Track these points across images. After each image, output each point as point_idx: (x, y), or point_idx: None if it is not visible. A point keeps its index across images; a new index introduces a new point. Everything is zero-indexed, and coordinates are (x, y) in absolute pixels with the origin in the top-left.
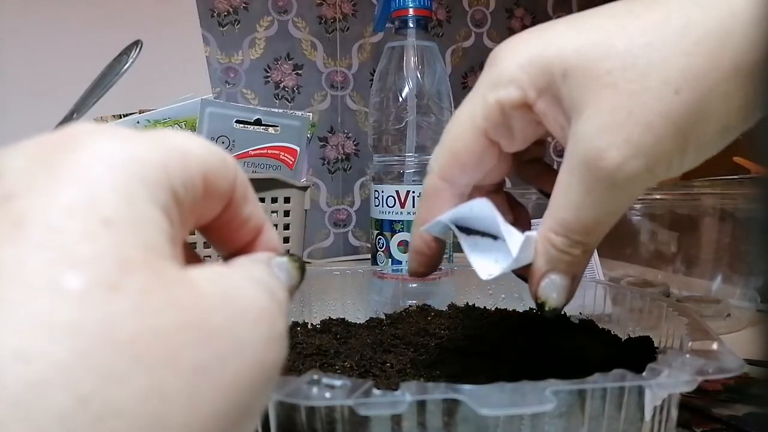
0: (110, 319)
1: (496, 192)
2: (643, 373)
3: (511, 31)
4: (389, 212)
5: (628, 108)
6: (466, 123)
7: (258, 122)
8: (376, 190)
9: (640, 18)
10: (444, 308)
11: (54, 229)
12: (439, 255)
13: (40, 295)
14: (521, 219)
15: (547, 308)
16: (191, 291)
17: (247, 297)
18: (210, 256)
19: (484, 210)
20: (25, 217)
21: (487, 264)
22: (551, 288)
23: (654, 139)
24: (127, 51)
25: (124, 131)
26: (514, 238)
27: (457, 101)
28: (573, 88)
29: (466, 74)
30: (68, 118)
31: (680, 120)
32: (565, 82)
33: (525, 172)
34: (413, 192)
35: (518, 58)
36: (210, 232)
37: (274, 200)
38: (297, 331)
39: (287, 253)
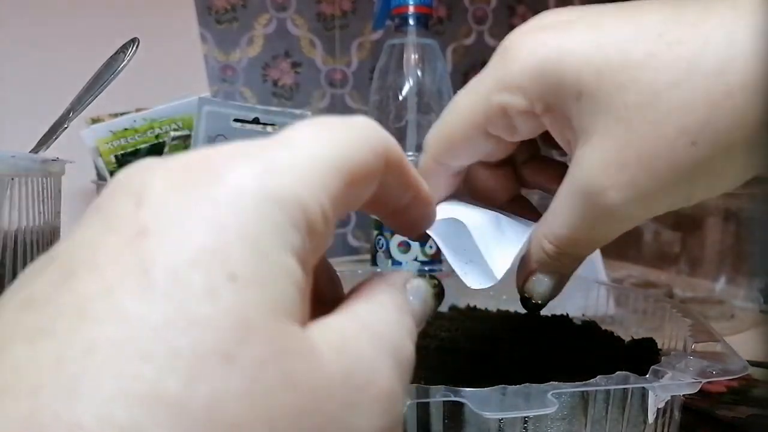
0: (218, 397)
1: (500, 166)
2: (647, 375)
3: (513, 29)
4: None
5: (637, 150)
6: (466, 115)
7: (256, 121)
8: None
9: (672, 49)
10: (445, 310)
11: (178, 281)
12: None
13: (150, 361)
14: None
15: (531, 303)
16: (311, 367)
17: (370, 374)
18: None
19: (465, 231)
20: (154, 263)
21: (474, 278)
22: (538, 285)
23: (658, 187)
24: (123, 49)
25: (270, 154)
26: (498, 263)
27: None
28: (585, 111)
29: (467, 72)
30: (65, 117)
31: (690, 173)
32: (578, 103)
33: (525, 177)
34: None
35: (530, 62)
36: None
37: None
38: None
39: (426, 274)
